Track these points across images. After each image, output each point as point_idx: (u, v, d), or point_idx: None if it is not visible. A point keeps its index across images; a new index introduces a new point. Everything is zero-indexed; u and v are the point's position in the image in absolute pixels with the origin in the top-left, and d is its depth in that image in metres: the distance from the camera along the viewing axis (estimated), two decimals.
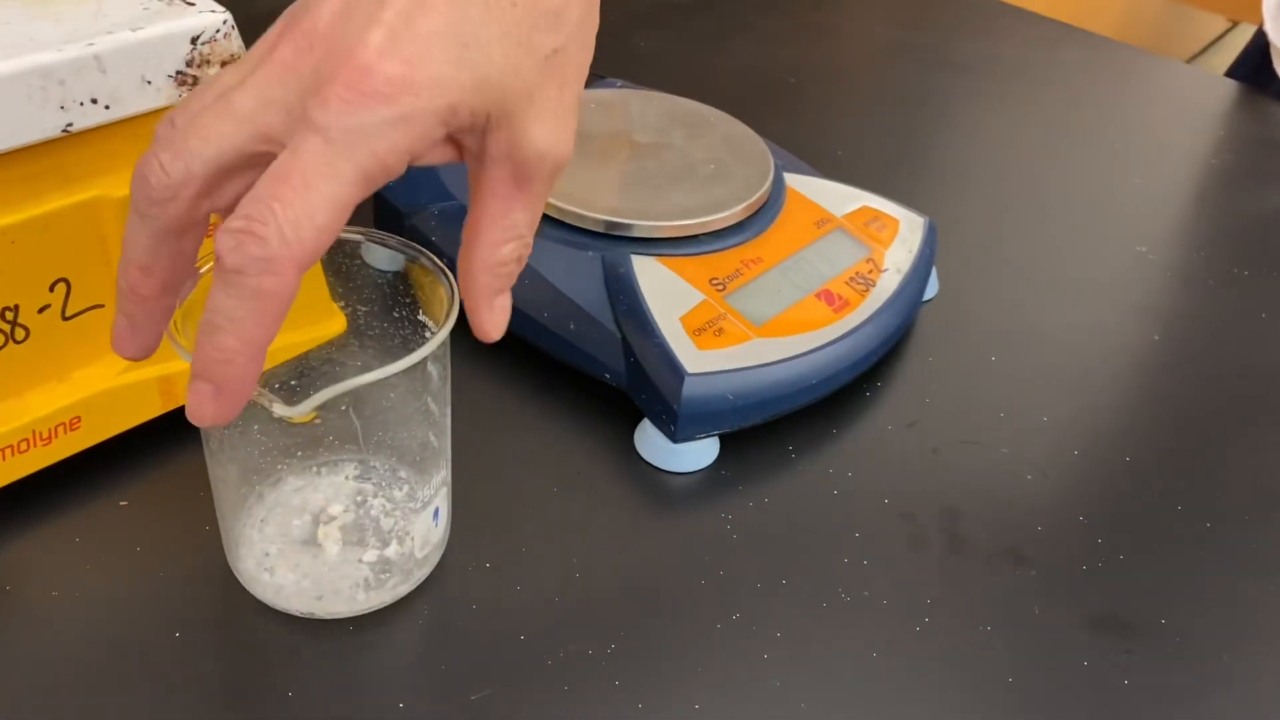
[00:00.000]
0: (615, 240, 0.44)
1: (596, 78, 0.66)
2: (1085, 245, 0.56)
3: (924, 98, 0.68)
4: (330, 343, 0.43)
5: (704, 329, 0.42)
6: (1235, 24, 2.90)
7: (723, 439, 0.42)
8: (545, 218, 0.45)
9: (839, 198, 0.49)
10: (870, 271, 0.46)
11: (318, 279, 0.43)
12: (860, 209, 0.49)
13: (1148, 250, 0.56)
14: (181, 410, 0.41)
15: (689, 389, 0.40)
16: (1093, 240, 0.56)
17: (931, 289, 0.51)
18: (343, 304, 0.41)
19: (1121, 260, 0.55)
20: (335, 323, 0.44)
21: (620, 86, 0.56)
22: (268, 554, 0.36)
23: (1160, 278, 0.54)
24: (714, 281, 0.44)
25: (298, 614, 0.35)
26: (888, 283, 0.46)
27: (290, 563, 0.35)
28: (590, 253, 0.44)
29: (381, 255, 0.50)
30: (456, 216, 0.46)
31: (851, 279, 0.46)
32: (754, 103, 0.66)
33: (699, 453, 0.41)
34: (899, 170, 0.61)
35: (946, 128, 0.65)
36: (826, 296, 0.45)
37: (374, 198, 0.48)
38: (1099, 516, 0.41)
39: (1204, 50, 2.99)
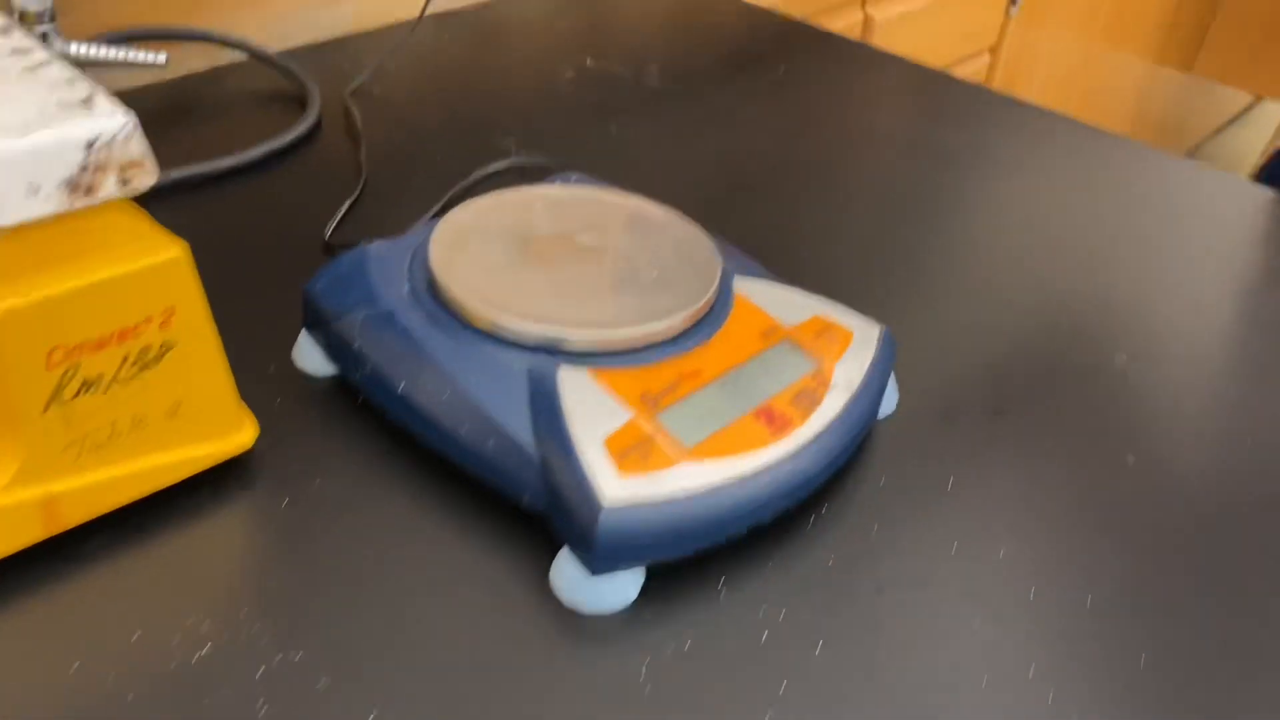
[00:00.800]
0: (544, 352, 0.42)
1: (553, 171, 0.64)
2: (1062, 353, 0.53)
3: (905, 192, 0.66)
4: None
5: (629, 451, 0.39)
6: (1260, 99, 2.88)
7: (648, 569, 0.39)
8: (471, 329, 0.43)
9: (790, 306, 0.47)
10: (816, 388, 0.44)
11: (224, 381, 0.41)
12: (812, 319, 0.46)
13: (1129, 359, 0.53)
14: (65, 536, 0.39)
15: (607, 520, 0.37)
16: (1071, 347, 0.53)
17: (890, 403, 0.48)
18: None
19: (1099, 372, 0.52)
20: (245, 433, 0.42)
21: (576, 181, 0.54)
22: None
23: (1140, 392, 0.51)
24: (646, 397, 0.41)
25: None
26: (835, 400, 0.43)
27: None
28: (516, 365, 0.42)
29: (314, 358, 0.48)
30: (382, 322, 0.44)
31: (796, 396, 0.43)
32: (723, 195, 0.63)
33: (618, 590, 0.38)
34: (869, 271, 0.58)
35: (926, 225, 0.63)
36: (766, 415, 0.42)
37: (304, 300, 0.46)
38: (1055, 669, 0.37)
39: (1228, 124, 2.97)
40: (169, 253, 0.37)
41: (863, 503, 0.43)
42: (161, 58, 0.59)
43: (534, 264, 0.45)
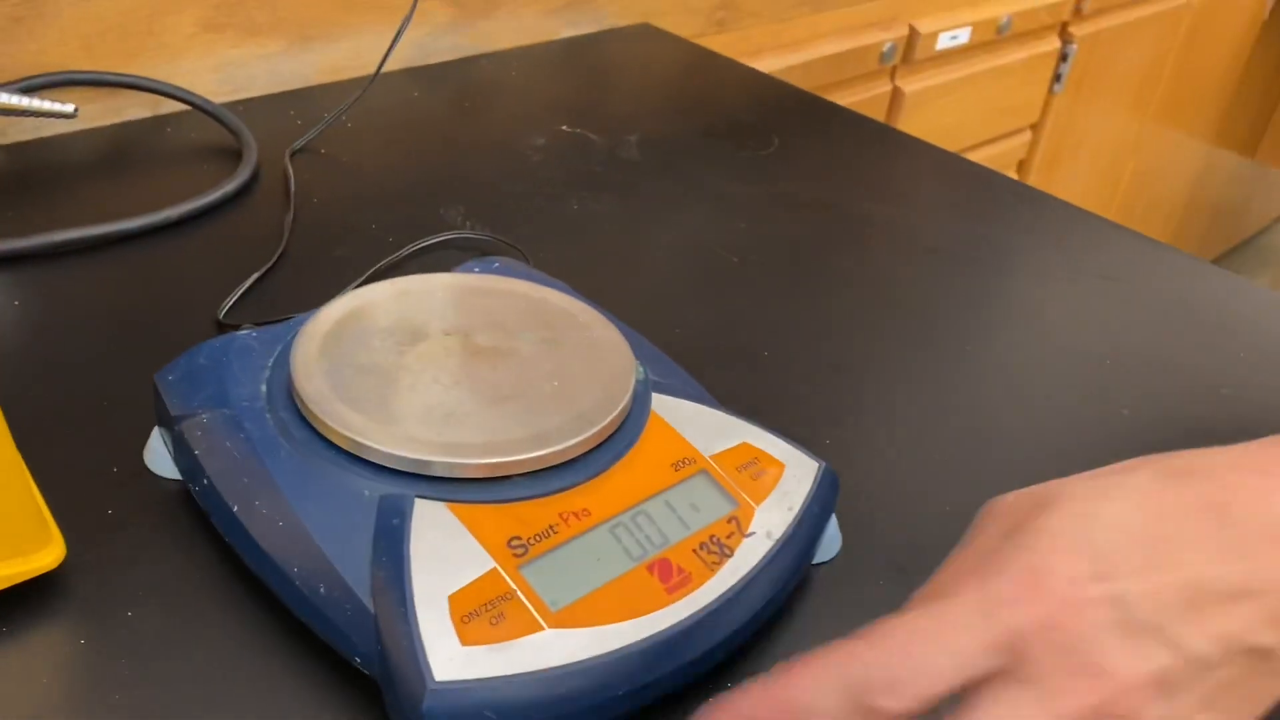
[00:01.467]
0: (402, 478, 0.35)
1: (494, 249, 0.58)
2: None
3: (890, 292, 0.59)
4: None
5: (478, 613, 0.32)
6: None
7: None
8: (324, 444, 0.36)
9: (714, 430, 0.40)
10: (729, 535, 0.36)
11: (20, 493, 0.35)
12: (738, 446, 0.39)
13: None
14: None
15: (435, 702, 0.30)
16: None
17: (830, 548, 0.41)
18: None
19: None
20: (50, 552, 0.36)
21: (498, 269, 0.47)
22: None
23: None
24: (514, 543, 0.34)
25: None
26: (751, 551, 0.36)
27: None
28: (367, 493, 0.35)
29: (163, 460, 0.42)
30: (226, 427, 0.37)
31: (701, 545, 0.36)
32: (679, 286, 0.57)
33: None
34: (832, 387, 0.51)
35: (908, 333, 0.55)
36: (661, 569, 0.35)
37: (155, 394, 0.40)
38: None
39: None
40: None
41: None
42: (69, 108, 0.54)
43: (415, 368, 0.39)
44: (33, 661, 0.34)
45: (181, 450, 0.39)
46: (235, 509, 0.36)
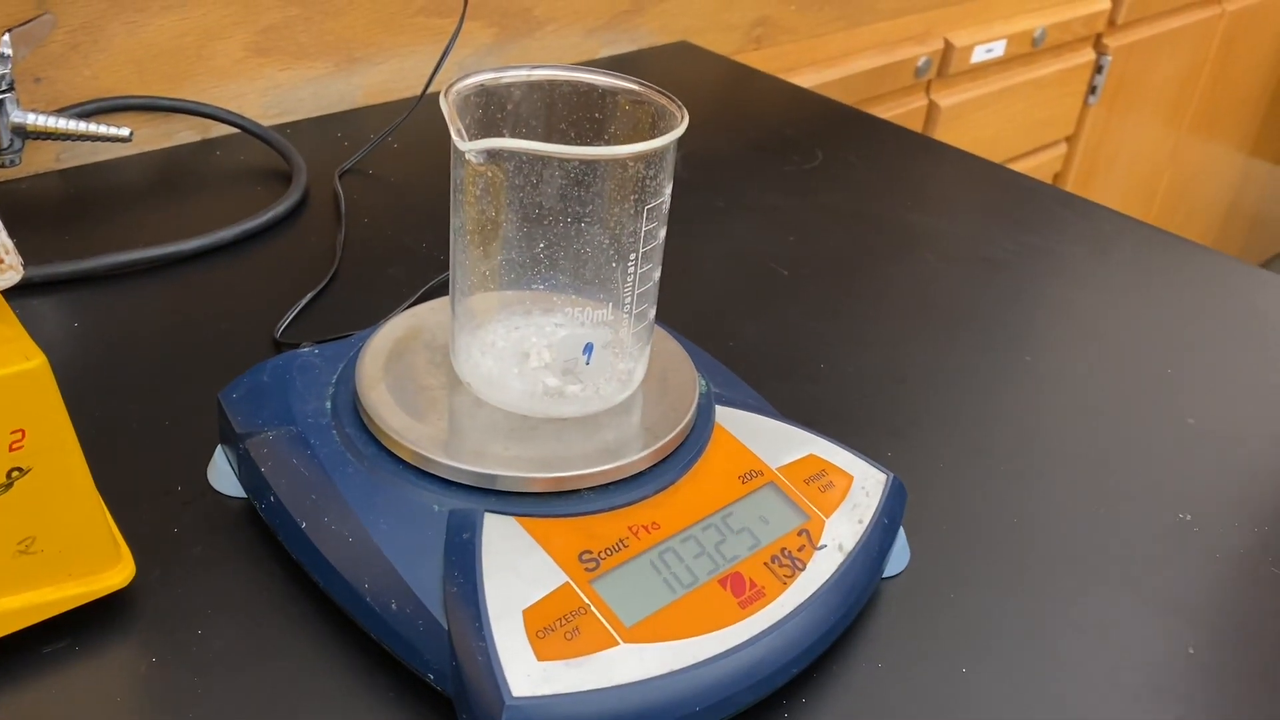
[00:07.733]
0: (471, 492, 0.35)
1: None
2: (1111, 508, 0.44)
3: (943, 302, 0.58)
4: None
5: (553, 629, 0.32)
6: None
7: None
8: (390, 456, 0.36)
9: (780, 442, 0.39)
10: (801, 548, 0.36)
11: (91, 512, 0.35)
12: (805, 458, 0.39)
13: (1191, 519, 0.44)
14: None
15: (512, 718, 0.30)
16: (1121, 502, 0.45)
17: (899, 561, 0.40)
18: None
19: (1155, 532, 0.43)
20: (117, 573, 0.36)
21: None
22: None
23: (1203, 559, 0.42)
24: (585, 557, 0.34)
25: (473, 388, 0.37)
26: (823, 565, 0.36)
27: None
28: (437, 508, 0.35)
29: (227, 478, 0.42)
30: (292, 444, 0.37)
31: (773, 559, 0.35)
32: (731, 298, 0.57)
33: None
34: (889, 399, 0.50)
35: (963, 343, 0.55)
36: (734, 583, 0.34)
37: (219, 412, 0.40)
38: None
39: None
40: (19, 365, 0.32)
41: (851, 692, 0.35)
42: (125, 132, 0.54)
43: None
44: (106, 678, 0.34)
45: (247, 467, 0.39)
46: (303, 525, 0.36)
